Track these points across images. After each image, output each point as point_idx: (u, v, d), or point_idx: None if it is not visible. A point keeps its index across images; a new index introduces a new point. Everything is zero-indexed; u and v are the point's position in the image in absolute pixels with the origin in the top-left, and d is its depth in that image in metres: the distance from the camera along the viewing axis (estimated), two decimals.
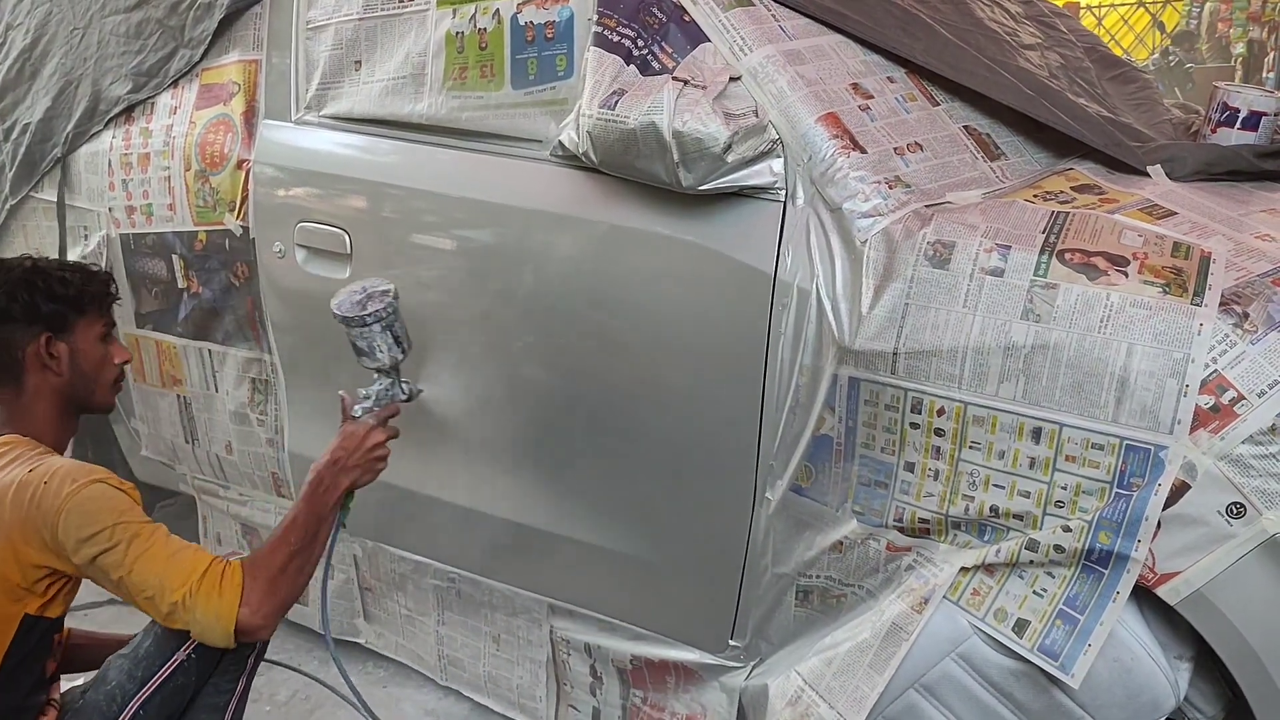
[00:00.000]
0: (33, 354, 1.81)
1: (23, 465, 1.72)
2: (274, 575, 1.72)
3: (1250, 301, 1.48)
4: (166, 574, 1.66)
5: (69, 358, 1.84)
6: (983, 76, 1.95)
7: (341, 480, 1.83)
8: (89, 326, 1.88)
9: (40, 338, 1.81)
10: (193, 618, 1.66)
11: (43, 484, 1.66)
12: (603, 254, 1.96)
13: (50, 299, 1.83)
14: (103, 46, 2.83)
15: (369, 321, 1.83)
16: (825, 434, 1.72)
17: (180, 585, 1.66)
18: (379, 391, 1.91)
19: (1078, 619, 1.53)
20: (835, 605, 1.81)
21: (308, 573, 1.79)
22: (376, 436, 1.88)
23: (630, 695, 2.19)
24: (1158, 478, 1.46)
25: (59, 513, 1.64)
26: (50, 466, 1.70)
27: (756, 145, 1.73)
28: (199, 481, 2.89)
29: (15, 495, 1.67)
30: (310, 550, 1.78)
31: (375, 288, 1.87)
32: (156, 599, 1.66)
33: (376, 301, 1.84)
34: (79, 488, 1.66)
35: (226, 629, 1.68)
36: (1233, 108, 2.13)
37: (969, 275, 1.59)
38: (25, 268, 1.85)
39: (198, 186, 2.57)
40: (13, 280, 1.82)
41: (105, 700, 1.75)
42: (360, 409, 1.90)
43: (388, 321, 1.85)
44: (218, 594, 1.67)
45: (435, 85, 2.15)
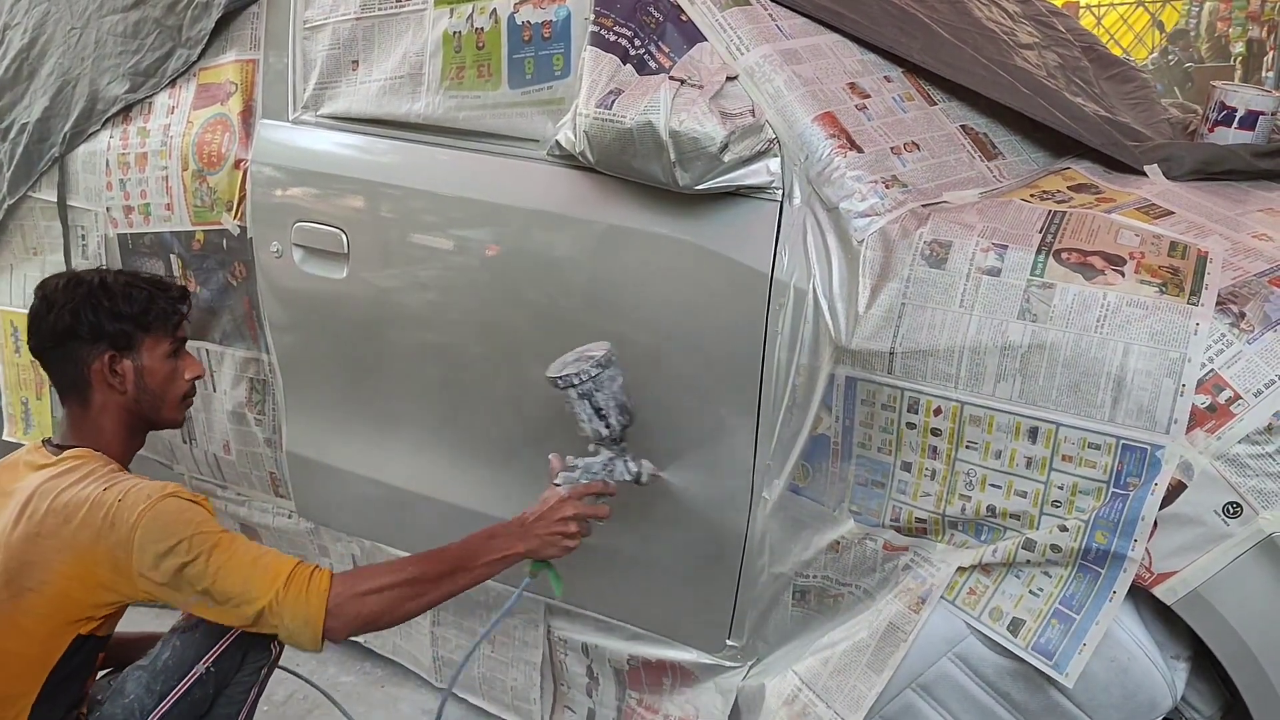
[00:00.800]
0: (97, 371, 1.80)
1: (96, 483, 1.70)
2: (370, 590, 1.69)
3: (1247, 301, 1.47)
4: (251, 580, 1.65)
5: (134, 375, 1.83)
6: (980, 76, 1.95)
7: (515, 544, 1.77)
8: (155, 344, 1.85)
9: (104, 355, 1.80)
10: (280, 622, 1.66)
11: (117, 502, 1.66)
12: (600, 254, 1.96)
13: (114, 318, 1.81)
14: (100, 46, 2.83)
15: (561, 386, 1.75)
16: (822, 434, 1.72)
17: (267, 590, 1.64)
18: (589, 464, 1.82)
19: (1073, 618, 1.53)
20: (832, 605, 1.81)
21: (411, 608, 1.73)
22: (566, 510, 1.78)
23: (626, 696, 2.19)
24: (1154, 477, 1.46)
25: (134, 529, 1.63)
26: (124, 485, 1.69)
27: (753, 145, 1.73)
28: (197, 481, 2.88)
29: (88, 514, 1.66)
30: (430, 589, 1.73)
31: (587, 352, 1.78)
32: (243, 606, 1.65)
33: (575, 366, 1.75)
34: (153, 503, 1.66)
35: (315, 632, 1.66)
36: (1230, 107, 2.13)
37: (966, 275, 1.59)
38: (93, 285, 1.83)
39: (195, 186, 2.57)
40: (79, 297, 1.81)
41: (124, 714, 1.74)
42: (564, 478, 1.81)
43: (584, 390, 1.74)
44: (304, 598, 1.65)
45: (432, 85, 2.15)
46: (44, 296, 1.84)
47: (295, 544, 2.70)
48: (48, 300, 1.83)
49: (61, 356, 1.82)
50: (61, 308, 1.81)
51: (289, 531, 2.68)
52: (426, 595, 1.73)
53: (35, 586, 1.66)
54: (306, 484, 2.58)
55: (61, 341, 1.81)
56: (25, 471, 1.78)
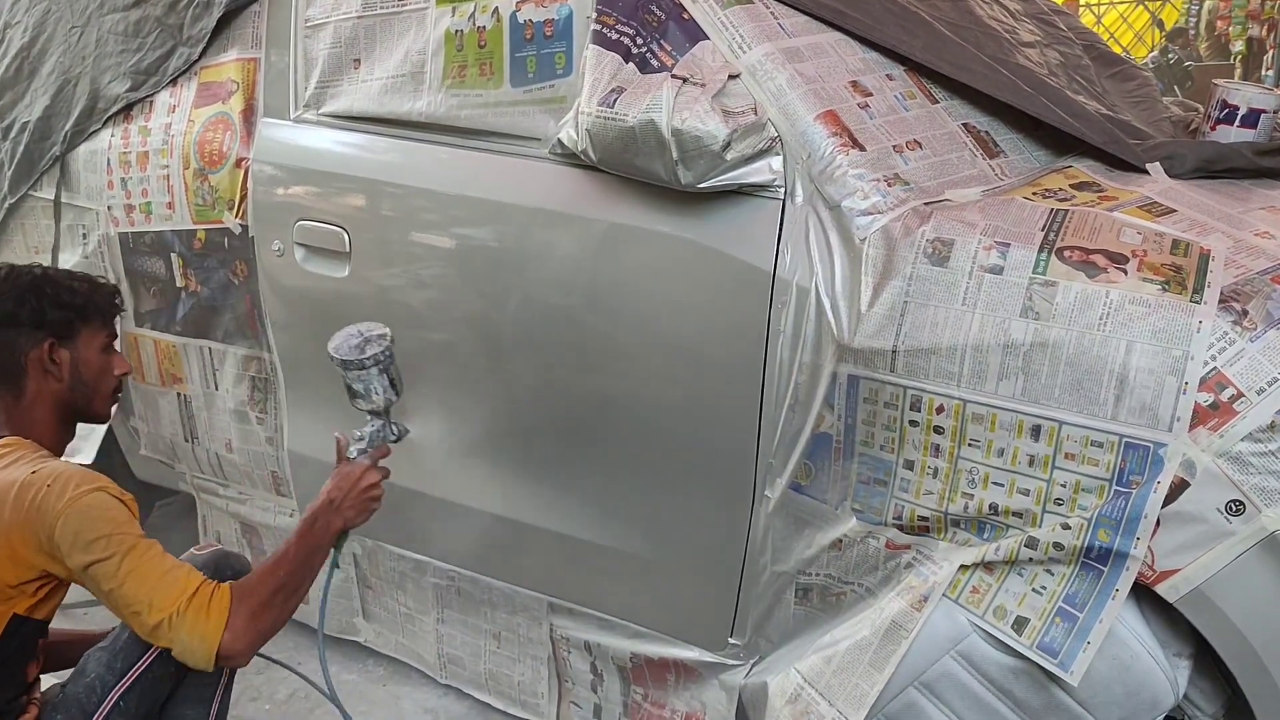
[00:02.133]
0: (35, 359, 1.83)
1: (25, 466, 1.72)
2: (260, 604, 1.73)
3: (1249, 299, 1.48)
4: (157, 591, 1.67)
5: (70, 365, 1.86)
6: (982, 74, 1.95)
7: (335, 520, 1.86)
8: (92, 336, 1.90)
9: (44, 343, 1.83)
10: (177, 636, 1.67)
11: (45, 486, 1.67)
12: (602, 252, 1.96)
13: (57, 306, 1.85)
14: (101, 45, 2.83)
15: (367, 365, 1.86)
16: (825, 432, 1.72)
17: (170, 604, 1.66)
18: (372, 433, 1.93)
19: (1077, 616, 1.53)
20: (835, 603, 1.81)
21: (292, 606, 1.80)
22: (371, 477, 1.90)
23: (631, 692, 2.20)
24: (1157, 475, 1.46)
25: (59, 516, 1.65)
26: (54, 469, 1.71)
27: (755, 143, 1.73)
28: (198, 480, 2.89)
29: (17, 495, 1.67)
30: (298, 585, 1.80)
31: (372, 332, 1.90)
32: (144, 614, 1.67)
33: (374, 345, 1.87)
34: (81, 494, 1.67)
35: (209, 651, 1.68)
36: (1232, 105, 2.13)
37: (968, 273, 1.59)
38: (35, 274, 1.87)
39: (196, 185, 2.57)
40: (22, 286, 1.84)
41: (85, 692, 1.75)
42: (355, 450, 1.92)
43: (384, 365, 1.87)
44: (205, 616, 1.68)
45: (434, 83, 2.15)
46: None
47: None
48: None
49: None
50: (3, 295, 1.83)
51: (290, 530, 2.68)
52: (299, 590, 1.80)
53: None
54: (308, 482, 2.57)
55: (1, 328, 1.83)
56: None
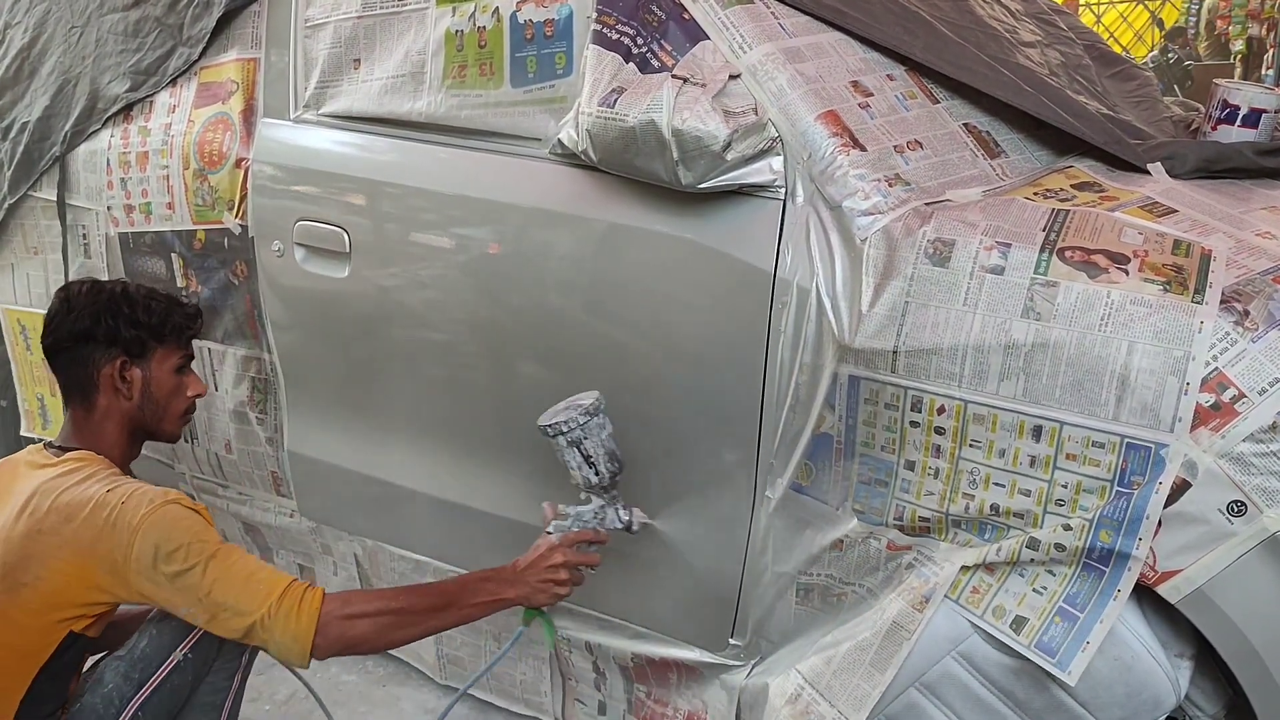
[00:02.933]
0: (107, 376, 1.85)
1: (99, 484, 1.73)
2: (359, 614, 1.71)
3: (1251, 299, 1.47)
4: (245, 593, 1.67)
5: (141, 384, 1.88)
6: (982, 74, 1.94)
7: (507, 590, 1.80)
8: (166, 356, 1.91)
9: (116, 361, 1.85)
10: (271, 637, 1.67)
11: (120, 504, 1.68)
12: (602, 252, 1.96)
13: (132, 325, 1.86)
14: (101, 45, 2.82)
15: (550, 434, 1.79)
16: (825, 432, 1.72)
17: (260, 605, 1.67)
18: (580, 512, 1.85)
19: (1077, 617, 1.53)
20: (836, 604, 1.81)
21: (397, 637, 1.77)
22: (557, 558, 1.81)
23: (634, 690, 2.20)
24: (1158, 476, 1.45)
25: (135, 532, 1.65)
26: (128, 488, 1.72)
27: (756, 143, 1.73)
28: (198, 480, 2.88)
29: (91, 513, 1.67)
30: (419, 620, 1.76)
31: (576, 401, 1.82)
32: (235, 618, 1.67)
33: (565, 414, 1.79)
34: (155, 508, 1.68)
35: (304, 649, 1.68)
36: (1233, 105, 2.13)
37: (969, 273, 1.59)
38: (114, 291, 1.89)
39: (196, 185, 2.57)
40: (100, 302, 1.86)
41: (103, 703, 1.75)
42: (555, 526, 1.84)
43: (573, 438, 1.78)
44: (296, 615, 1.67)
45: (434, 83, 2.15)
46: (65, 299, 1.89)
47: (297, 543, 2.70)
48: (68, 302, 1.87)
49: (73, 359, 1.86)
50: (81, 311, 1.85)
51: (291, 531, 2.68)
52: (415, 626, 1.76)
53: (31, 582, 1.68)
54: (308, 483, 2.58)
55: (76, 343, 1.85)
56: (26, 471, 1.80)
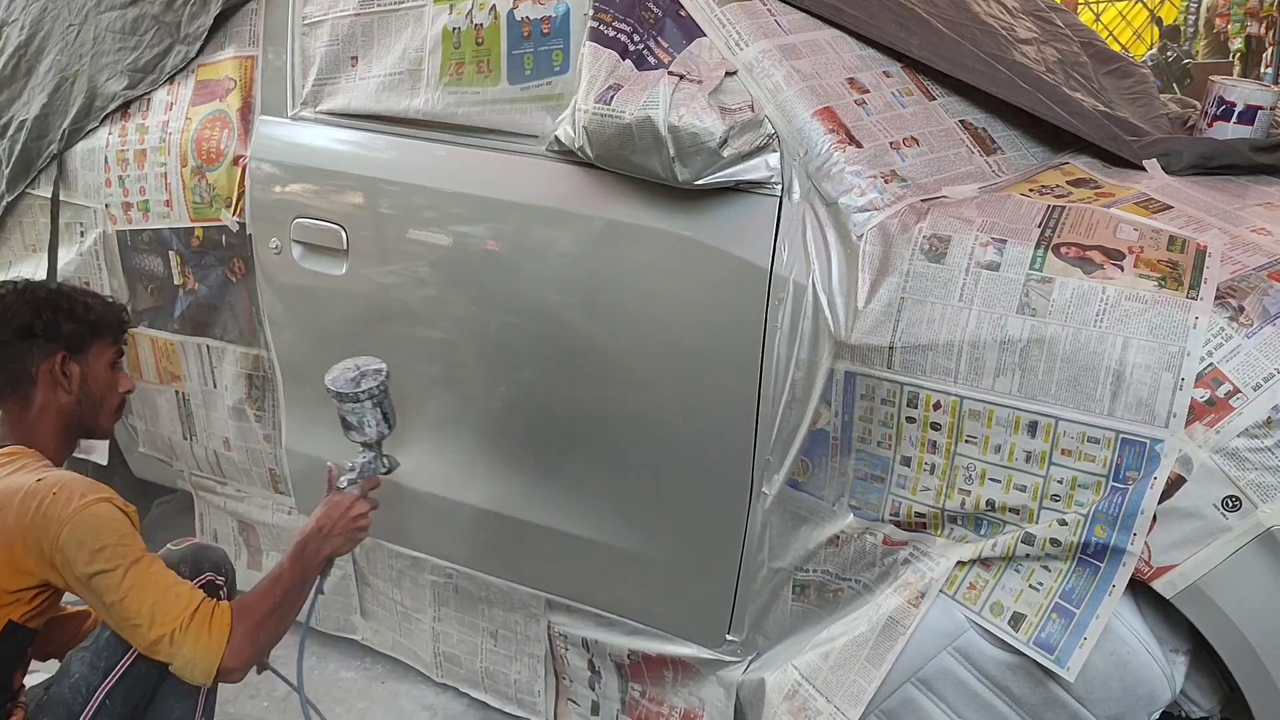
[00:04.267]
0: (46, 371, 1.85)
1: (29, 474, 1.73)
2: (257, 624, 1.76)
3: (1246, 295, 1.48)
4: (159, 606, 1.68)
5: (80, 379, 1.89)
6: (979, 71, 1.95)
7: (324, 547, 1.90)
8: (102, 352, 1.93)
9: (56, 355, 1.85)
10: (179, 652, 1.68)
11: (51, 494, 1.67)
12: (599, 249, 1.96)
13: (71, 319, 1.88)
14: (98, 43, 2.82)
15: (361, 398, 1.91)
16: (822, 428, 1.73)
17: (172, 620, 1.67)
18: (363, 464, 1.99)
19: (1074, 612, 1.53)
20: (832, 599, 1.81)
21: (285, 625, 1.84)
22: (360, 508, 1.95)
23: (629, 689, 2.20)
24: (1153, 471, 1.46)
25: (64, 524, 1.65)
26: (59, 478, 1.71)
27: (752, 140, 1.73)
28: (196, 478, 2.89)
29: (21, 502, 1.67)
30: (291, 607, 1.84)
31: (369, 366, 1.95)
32: (144, 628, 1.67)
33: (370, 379, 1.92)
34: (87, 504, 1.67)
35: (210, 667, 1.70)
36: (1229, 102, 2.13)
37: (965, 269, 1.59)
38: (51, 289, 1.92)
39: (194, 183, 2.57)
40: (39, 299, 1.88)
41: (70, 693, 1.75)
42: (345, 480, 1.98)
43: (378, 399, 1.93)
44: (206, 633, 1.69)
45: (432, 81, 2.15)
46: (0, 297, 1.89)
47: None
48: (3, 300, 1.88)
49: (10, 355, 1.86)
50: (20, 308, 1.86)
51: (288, 528, 2.68)
52: (293, 610, 1.85)
53: None
54: (306, 480, 2.58)
55: (15, 339, 1.85)
56: None
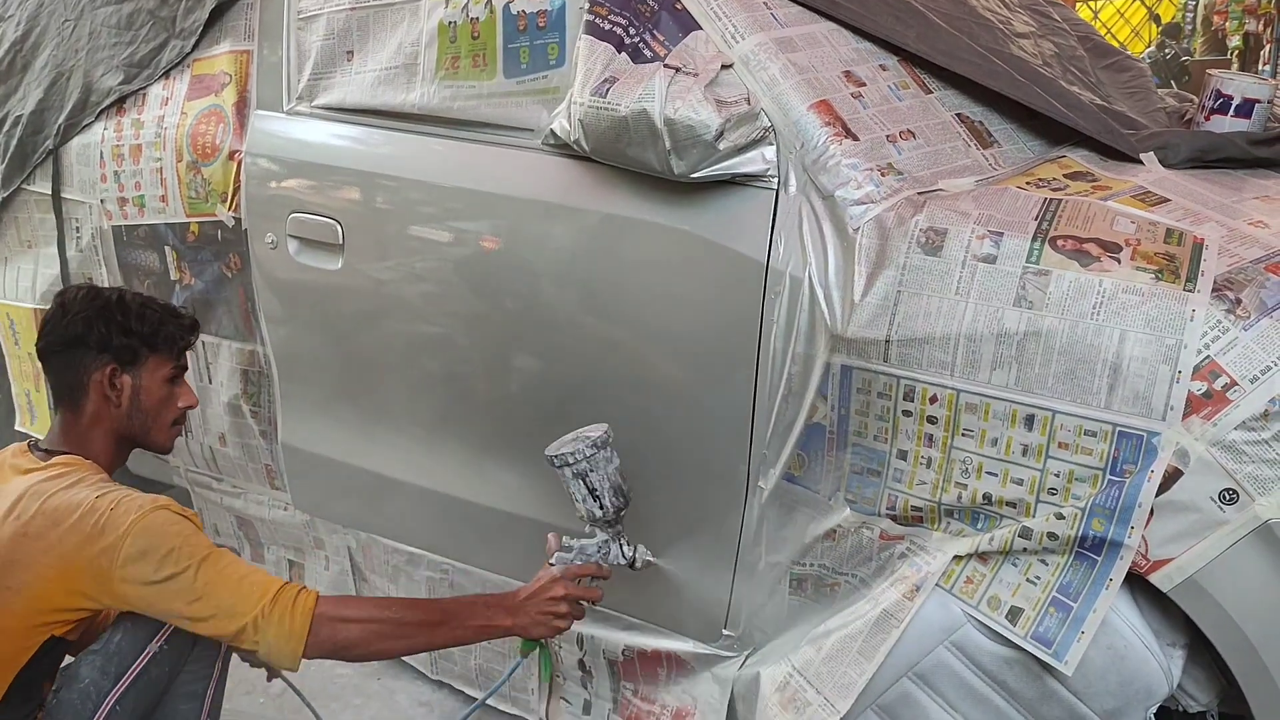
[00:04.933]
0: (96, 382, 1.84)
1: (89, 489, 1.72)
2: (351, 618, 1.72)
3: (1243, 287, 1.47)
4: (238, 595, 1.67)
5: (131, 392, 1.86)
6: (976, 64, 1.94)
7: (504, 618, 1.79)
8: (158, 366, 1.89)
9: (106, 368, 1.84)
10: (263, 638, 1.68)
11: (110, 510, 1.67)
12: (595, 243, 1.95)
13: (124, 333, 1.85)
14: (94, 38, 2.82)
15: (557, 465, 1.78)
16: (818, 422, 1.72)
17: (252, 607, 1.67)
18: (584, 546, 1.84)
19: (1071, 606, 1.53)
20: (829, 593, 1.80)
21: (386, 647, 1.78)
22: (558, 590, 1.80)
23: (621, 688, 2.19)
24: (1150, 464, 1.45)
25: (125, 536, 1.65)
26: (117, 494, 1.71)
27: (748, 133, 1.72)
28: (192, 474, 2.88)
29: (79, 519, 1.67)
30: (411, 634, 1.76)
31: (585, 433, 1.80)
32: (227, 619, 1.67)
33: (569, 446, 1.77)
34: (145, 514, 1.67)
35: (295, 652, 1.69)
36: (1226, 95, 2.13)
37: (961, 262, 1.58)
38: (110, 299, 1.88)
39: (190, 178, 2.56)
40: (95, 308, 1.86)
41: (79, 699, 1.72)
42: (558, 558, 1.83)
43: (579, 470, 1.77)
44: (290, 617, 1.68)
45: (428, 75, 2.15)
46: (61, 303, 1.88)
47: (289, 536, 2.69)
48: (64, 306, 1.87)
49: (64, 362, 1.86)
50: (75, 315, 1.85)
51: (285, 524, 2.68)
52: (405, 639, 1.77)
53: (16, 586, 1.67)
54: (302, 476, 2.57)
55: (67, 348, 1.85)
56: (10, 474, 1.79)
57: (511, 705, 2.40)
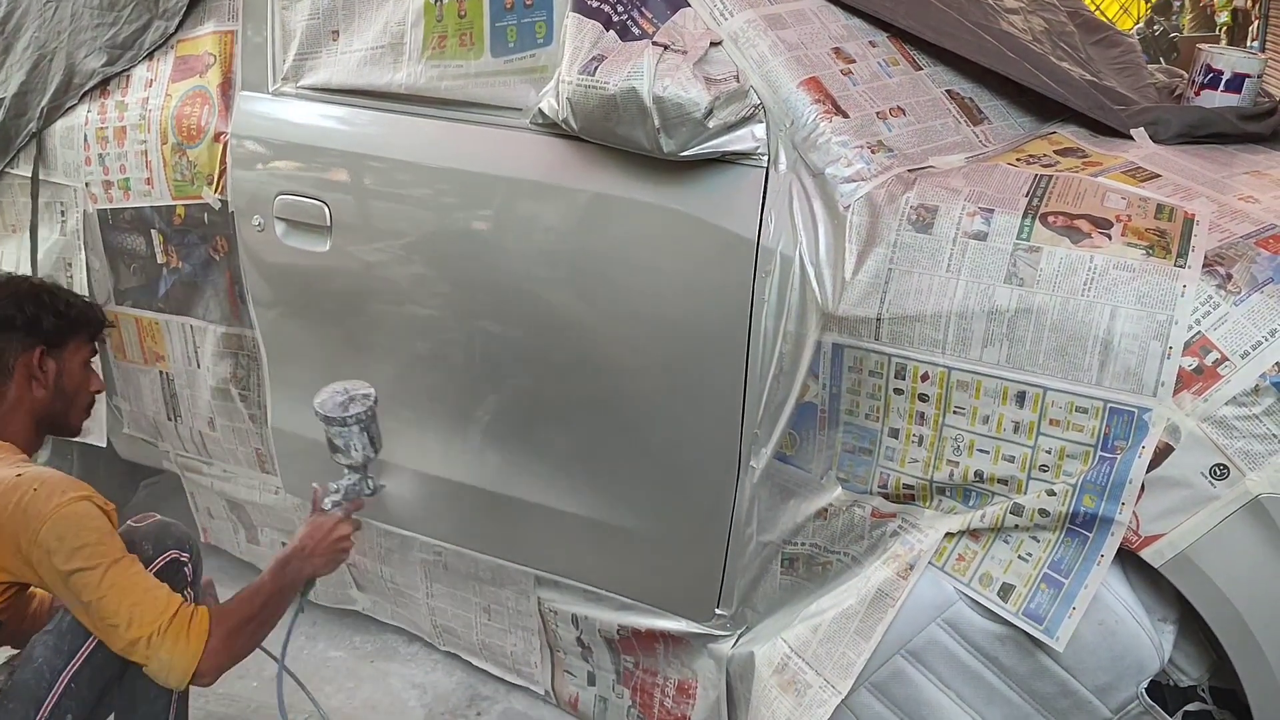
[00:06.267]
0: (23, 364, 1.85)
1: (8, 468, 1.72)
2: (233, 632, 1.76)
3: (1233, 263, 1.47)
4: (138, 607, 1.67)
5: (56, 375, 1.89)
6: (965, 40, 1.93)
7: (305, 567, 1.92)
8: (78, 350, 1.94)
9: (35, 350, 1.86)
10: (155, 654, 1.68)
11: (32, 490, 1.67)
12: (584, 222, 1.94)
13: (54, 315, 1.89)
14: (76, 19, 2.79)
15: (349, 422, 1.95)
16: (809, 401, 1.72)
17: (150, 622, 1.67)
18: (348, 486, 2.02)
19: (1062, 582, 1.53)
20: (821, 572, 1.81)
21: (261, 636, 1.85)
22: (343, 529, 1.99)
23: (621, 661, 2.20)
24: (1141, 440, 1.45)
25: (45, 520, 1.64)
26: (39, 474, 1.71)
27: (738, 110, 1.71)
28: (182, 458, 2.87)
29: (1, 496, 1.66)
30: (269, 618, 1.85)
31: (357, 390, 1.98)
32: (121, 629, 1.67)
33: (358, 404, 1.95)
34: (68, 501, 1.67)
35: (186, 671, 1.70)
36: (1216, 70, 2.12)
37: (952, 239, 1.58)
38: (33, 283, 1.93)
39: (175, 160, 2.54)
40: (21, 292, 1.89)
41: (34, 678, 1.73)
42: (329, 501, 2.02)
43: (366, 423, 1.97)
44: (184, 637, 1.69)
45: (414, 54, 2.13)
46: None
47: (282, 519, 2.69)
48: None
49: None
50: (2, 300, 1.86)
51: (276, 508, 2.67)
52: (269, 622, 1.86)
53: None
54: (292, 459, 2.56)
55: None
56: None
57: (517, 677, 2.41)
